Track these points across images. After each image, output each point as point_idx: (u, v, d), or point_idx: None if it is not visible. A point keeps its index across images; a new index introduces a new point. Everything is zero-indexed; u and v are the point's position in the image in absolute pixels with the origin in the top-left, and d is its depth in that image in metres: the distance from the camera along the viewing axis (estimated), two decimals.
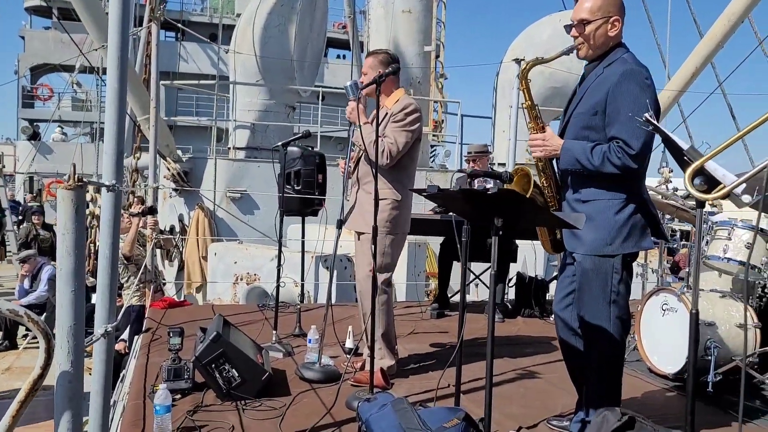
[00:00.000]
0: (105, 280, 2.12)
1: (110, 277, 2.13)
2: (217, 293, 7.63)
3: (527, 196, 2.62)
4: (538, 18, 11.04)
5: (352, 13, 18.01)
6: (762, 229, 3.66)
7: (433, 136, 12.51)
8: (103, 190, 2.08)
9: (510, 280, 6.09)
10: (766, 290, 3.78)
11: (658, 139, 2.27)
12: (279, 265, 4.38)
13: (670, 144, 1.95)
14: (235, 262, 7.47)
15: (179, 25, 13.31)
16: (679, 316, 3.71)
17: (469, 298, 7.05)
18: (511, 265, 5.89)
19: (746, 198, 1.86)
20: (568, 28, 2.57)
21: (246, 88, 9.98)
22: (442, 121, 20.70)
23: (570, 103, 2.66)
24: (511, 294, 6.23)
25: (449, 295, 5.88)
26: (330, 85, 25.51)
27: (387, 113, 3.52)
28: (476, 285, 6.88)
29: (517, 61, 6.89)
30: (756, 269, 3.69)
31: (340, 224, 3.77)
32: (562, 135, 2.65)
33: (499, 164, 10.52)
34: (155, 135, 5.84)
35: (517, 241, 5.81)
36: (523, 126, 4.78)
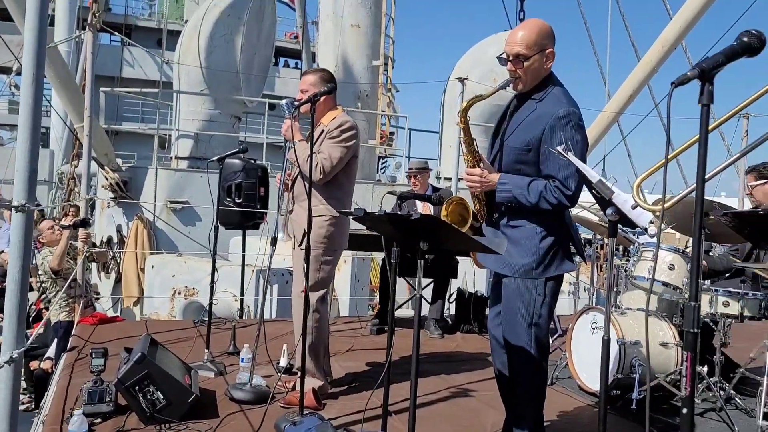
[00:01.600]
0: (13, 304, 2.03)
1: (19, 301, 2.04)
2: (155, 307, 7.41)
3: (467, 222, 2.66)
4: (486, 35, 11.28)
5: (303, 23, 17.98)
6: (682, 251, 3.81)
7: (381, 148, 12.57)
8: (12, 209, 1.99)
9: (450, 295, 6.14)
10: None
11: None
12: (213, 281, 4.27)
13: (582, 176, 2.01)
14: (173, 276, 7.28)
15: (115, 32, 12.91)
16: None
17: (408, 313, 7.09)
18: (452, 280, 5.94)
19: (652, 229, 1.92)
20: (502, 61, 2.57)
21: (190, 96, 9.80)
22: (392, 133, 20.84)
23: (499, 129, 2.71)
24: (452, 309, 6.28)
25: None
26: (280, 94, 25.37)
27: (323, 130, 3.51)
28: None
29: (461, 80, 7.02)
30: (677, 290, 3.83)
31: (275, 241, 3.73)
32: (493, 162, 2.71)
33: (444, 179, 10.65)
34: (89, 144, 5.64)
35: (458, 257, 5.87)
36: None
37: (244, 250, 6.42)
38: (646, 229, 1.76)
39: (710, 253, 4.31)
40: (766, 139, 1.61)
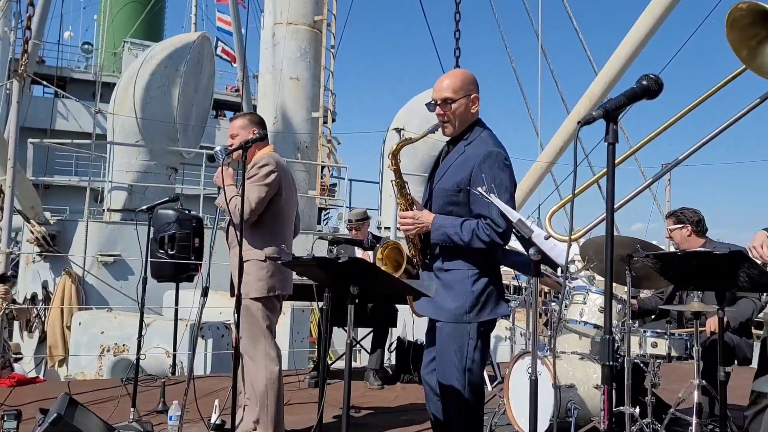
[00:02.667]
0: None
1: None
2: (81, 366, 7.01)
3: (402, 267, 2.65)
4: (424, 89, 11.60)
5: (244, 77, 18.06)
6: (614, 295, 3.91)
7: (322, 199, 12.58)
8: None
9: (390, 344, 6.08)
10: (619, 352, 3.99)
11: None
12: (140, 335, 4.08)
13: (503, 215, 2.05)
14: (102, 332, 6.94)
15: (47, 83, 12.64)
16: (542, 380, 3.81)
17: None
18: (392, 329, 5.88)
19: (573, 267, 1.96)
20: (430, 107, 2.65)
21: (125, 147, 9.59)
22: (334, 184, 20.90)
23: (433, 174, 2.75)
24: (392, 359, 6.20)
25: (329, 362, 5.75)
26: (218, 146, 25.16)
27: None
28: (358, 351, 6.81)
29: (398, 130, 7.16)
30: None
31: (206, 292, 3.61)
32: (425, 206, 2.73)
33: (385, 228, 10.71)
34: (11, 196, 5.40)
35: (397, 305, 5.84)
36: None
37: (177, 304, 6.20)
38: (566, 269, 1.79)
39: (639, 296, 4.44)
40: (668, 170, 1.69)
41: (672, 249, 4.63)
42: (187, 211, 6.34)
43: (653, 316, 4.56)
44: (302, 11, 10.41)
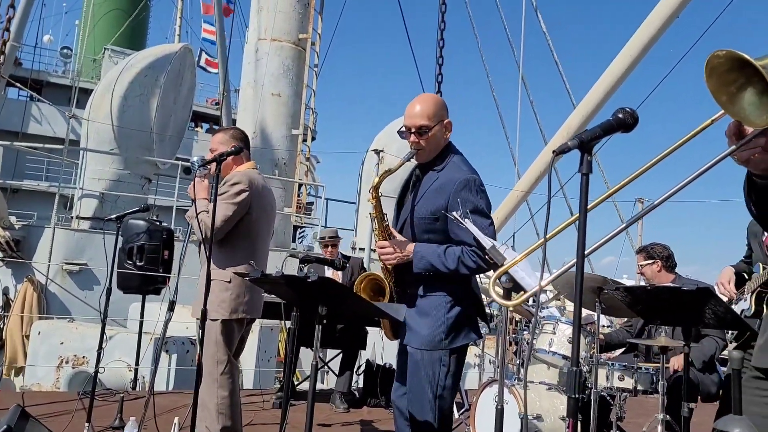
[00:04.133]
0: None
1: None
2: (38, 377, 6.78)
3: (386, 297, 2.60)
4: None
5: (225, 90, 18.00)
6: (582, 326, 3.91)
7: (297, 217, 12.50)
8: None
9: (359, 367, 6.00)
10: (587, 383, 3.99)
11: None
12: (100, 347, 3.96)
13: (478, 242, 2.04)
14: (62, 343, 6.74)
15: (22, 86, 12.45)
16: (510, 408, 3.79)
17: (317, 386, 6.85)
18: (361, 351, 5.81)
19: (544, 297, 1.95)
20: (403, 134, 2.63)
21: (98, 155, 9.42)
22: (311, 203, 20.83)
23: (402, 200, 2.73)
24: (360, 382, 6.11)
25: (296, 383, 5.66)
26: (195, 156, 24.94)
27: None
28: (326, 372, 6.71)
29: (377, 152, 7.17)
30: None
31: (172, 306, 3.53)
32: (400, 233, 2.68)
33: (359, 249, 10.66)
34: None
35: (368, 327, 5.78)
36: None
37: (142, 316, 6.06)
38: (538, 304, 1.78)
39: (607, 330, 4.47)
40: (640, 216, 1.70)
41: (643, 282, 4.67)
42: (158, 222, 6.23)
43: (622, 350, 4.59)
44: (287, 28, 10.44)
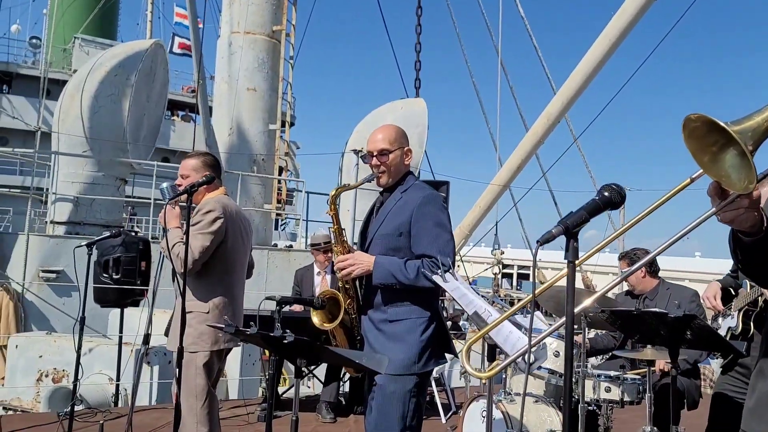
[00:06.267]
0: None
1: None
2: (17, 393, 6.64)
3: (338, 319, 2.60)
4: (384, 100, 11.53)
5: (201, 78, 17.59)
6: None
7: (278, 213, 12.37)
8: None
9: (344, 374, 5.95)
10: (573, 394, 3.98)
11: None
12: (76, 380, 3.85)
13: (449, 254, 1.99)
14: (41, 356, 6.59)
15: None
16: (497, 423, 3.77)
17: (304, 391, 6.81)
18: None
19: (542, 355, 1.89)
20: (365, 159, 2.78)
21: (71, 158, 9.17)
22: (293, 189, 20.58)
23: (368, 225, 2.78)
24: (347, 387, 6.07)
25: (280, 392, 5.60)
26: (175, 148, 24.56)
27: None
28: (310, 378, 6.65)
29: (355, 151, 7.04)
30: (563, 376, 3.88)
31: (147, 339, 3.43)
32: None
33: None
34: None
35: None
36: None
37: (121, 330, 5.94)
38: (528, 369, 1.71)
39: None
40: (625, 277, 1.64)
41: (626, 288, 4.65)
42: (133, 233, 6.08)
43: (608, 356, 4.59)
44: (260, 21, 10.17)
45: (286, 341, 1.88)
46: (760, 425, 1.56)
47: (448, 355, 2.79)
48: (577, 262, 1.36)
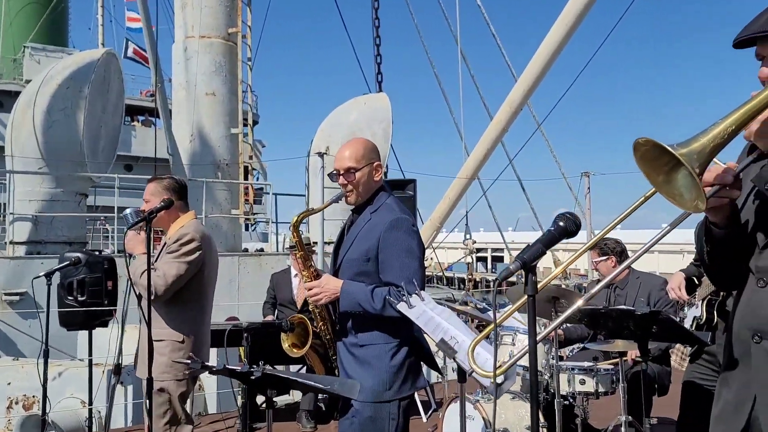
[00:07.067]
0: None
1: None
2: None
3: (307, 345, 2.56)
4: (347, 97, 11.44)
5: (159, 81, 17.23)
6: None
7: (247, 218, 12.24)
8: None
9: None
10: (549, 389, 4.02)
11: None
12: (44, 413, 3.75)
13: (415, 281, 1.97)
14: (9, 383, 6.42)
15: None
16: (476, 424, 3.80)
17: (283, 399, 6.75)
18: None
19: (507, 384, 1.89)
20: (333, 177, 2.65)
21: (27, 175, 8.88)
22: (261, 189, 20.39)
23: (340, 245, 2.70)
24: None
25: (259, 403, 5.53)
26: (137, 154, 24.11)
27: (165, 243, 3.23)
28: None
29: (320, 154, 6.98)
30: (539, 373, 3.91)
31: (118, 369, 3.36)
32: (335, 275, 2.65)
33: (313, 242, 10.51)
34: None
35: None
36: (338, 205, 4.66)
37: (91, 353, 5.80)
38: (495, 393, 1.71)
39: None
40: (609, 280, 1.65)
41: (597, 277, 4.71)
42: (97, 252, 5.92)
43: (581, 345, 4.65)
44: (215, 24, 9.97)
45: (253, 378, 1.83)
46: None
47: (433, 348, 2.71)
48: (540, 286, 1.35)
